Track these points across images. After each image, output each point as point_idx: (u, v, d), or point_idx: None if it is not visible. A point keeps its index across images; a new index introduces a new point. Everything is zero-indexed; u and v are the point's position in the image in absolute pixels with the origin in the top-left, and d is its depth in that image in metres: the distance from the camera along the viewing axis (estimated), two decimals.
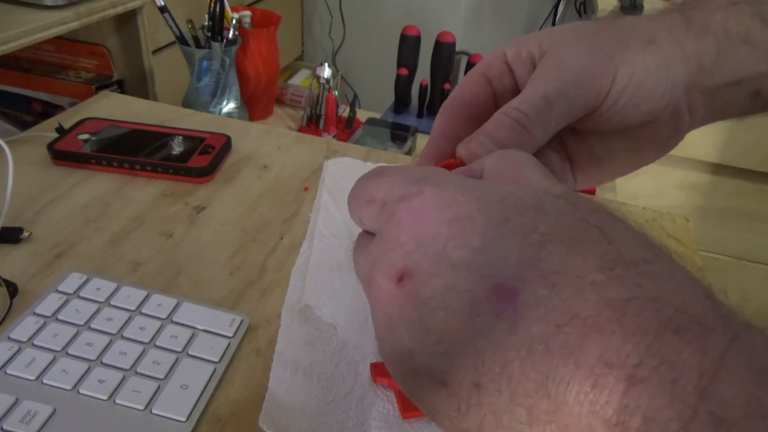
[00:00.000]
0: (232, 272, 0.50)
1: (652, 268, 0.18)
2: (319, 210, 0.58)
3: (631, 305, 0.17)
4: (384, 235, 0.22)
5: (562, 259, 0.18)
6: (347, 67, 1.89)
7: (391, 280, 0.21)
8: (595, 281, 0.18)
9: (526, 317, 0.18)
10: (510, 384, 0.18)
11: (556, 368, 0.17)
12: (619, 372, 0.16)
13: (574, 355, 0.17)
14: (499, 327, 0.18)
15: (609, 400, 0.16)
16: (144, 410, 0.37)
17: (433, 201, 0.21)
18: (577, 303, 0.18)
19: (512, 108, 0.30)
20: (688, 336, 0.16)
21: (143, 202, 0.57)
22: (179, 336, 0.42)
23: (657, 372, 0.16)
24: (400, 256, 0.20)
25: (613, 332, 0.17)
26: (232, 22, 1.00)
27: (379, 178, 0.24)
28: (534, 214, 0.19)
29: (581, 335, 0.17)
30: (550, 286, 0.18)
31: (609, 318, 0.17)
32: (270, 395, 0.39)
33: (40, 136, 0.64)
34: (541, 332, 0.18)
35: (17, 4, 0.88)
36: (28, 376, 0.38)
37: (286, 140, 0.70)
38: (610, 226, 0.20)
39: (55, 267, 0.48)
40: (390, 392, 0.40)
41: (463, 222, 0.20)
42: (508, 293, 0.18)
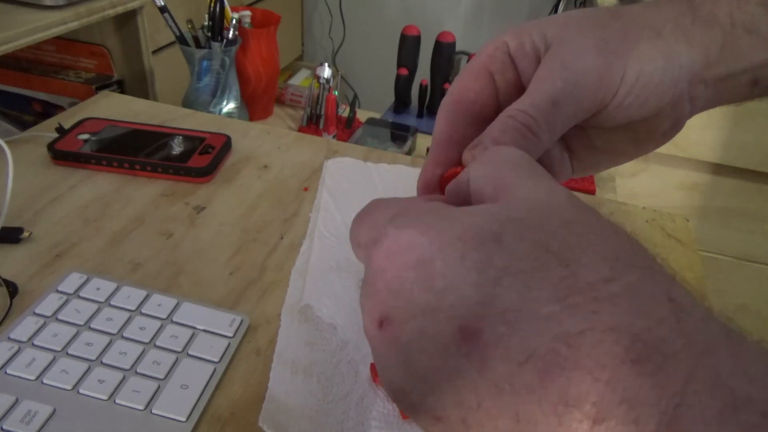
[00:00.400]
0: (232, 272, 0.50)
1: (611, 288, 0.18)
2: (319, 210, 0.58)
3: (586, 338, 0.17)
4: (366, 280, 0.22)
5: (517, 294, 0.18)
6: (347, 67, 1.89)
7: (374, 325, 0.22)
8: (550, 314, 0.18)
9: (490, 357, 0.18)
10: (489, 420, 0.19)
11: (524, 405, 0.18)
12: (581, 411, 0.16)
13: (537, 393, 0.17)
14: (469, 367, 0.19)
15: None
16: (144, 410, 0.37)
17: (397, 244, 0.21)
18: (533, 340, 0.18)
19: (518, 111, 0.30)
20: (648, 368, 0.16)
21: (143, 202, 0.57)
22: (179, 336, 0.42)
23: (618, 411, 0.16)
24: (378, 303, 0.21)
25: (570, 369, 0.17)
26: (232, 22, 1.00)
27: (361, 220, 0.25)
28: (491, 246, 0.20)
29: (540, 373, 0.17)
30: (507, 323, 0.18)
31: (565, 355, 0.17)
32: (270, 395, 0.39)
33: (40, 136, 0.64)
34: (505, 371, 0.18)
35: (17, 4, 0.88)
36: (28, 376, 0.38)
37: (286, 140, 0.70)
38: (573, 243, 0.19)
39: (55, 267, 0.48)
40: None
41: (425, 264, 0.20)
42: (472, 334, 0.19)
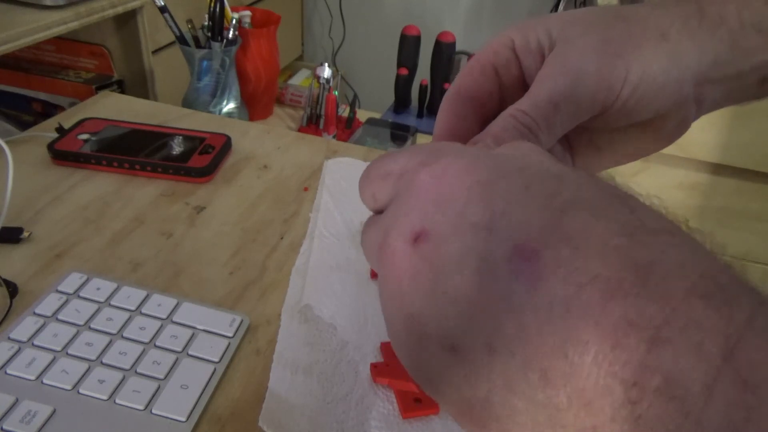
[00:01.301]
0: (232, 272, 0.50)
1: (674, 239, 0.18)
2: (319, 210, 0.58)
3: (656, 268, 0.17)
4: (401, 200, 0.22)
5: (584, 224, 0.18)
6: (347, 67, 1.89)
7: (406, 241, 0.20)
8: (619, 245, 0.17)
9: (546, 278, 0.17)
10: (525, 347, 0.17)
11: (576, 329, 0.17)
12: (642, 333, 0.16)
13: (596, 315, 0.16)
14: (518, 289, 0.18)
15: (629, 360, 0.16)
16: (144, 410, 0.37)
17: (453, 166, 0.21)
18: (600, 264, 0.17)
19: (519, 111, 0.30)
20: (715, 302, 0.16)
21: (143, 202, 0.57)
22: (179, 336, 0.42)
23: (682, 334, 0.16)
24: (418, 218, 0.20)
25: (638, 294, 0.16)
26: (232, 22, 1.01)
27: (393, 156, 0.24)
28: (556, 181, 0.19)
29: (604, 295, 0.17)
30: (572, 247, 0.18)
31: (633, 280, 0.17)
32: (270, 395, 0.39)
33: (40, 136, 0.64)
34: (562, 293, 0.17)
35: (17, 4, 0.88)
36: (28, 376, 0.38)
37: (286, 140, 0.70)
38: (632, 198, 0.20)
39: (55, 267, 0.48)
40: (390, 392, 0.40)
41: (485, 186, 0.19)
42: (529, 254, 0.18)
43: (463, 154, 0.21)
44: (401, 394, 0.39)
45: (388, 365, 0.41)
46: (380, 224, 0.23)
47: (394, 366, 0.41)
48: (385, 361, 0.42)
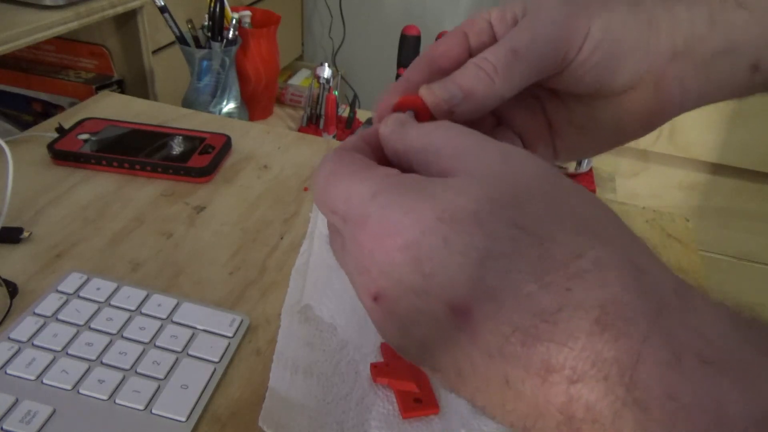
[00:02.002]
0: (232, 272, 0.50)
1: (580, 264, 0.20)
2: (318, 210, 0.58)
3: (562, 315, 0.20)
4: (352, 255, 0.24)
5: (500, 275, 0.21)
6: (347, 67, 1.89)
7: (368, 297, 0.24)
8: (530, 294, 0.20)
9: (480, 330, 0.21)
10: (482, 376, 0.21)
11: (512, 369, 0.20)
12: (560, 374, 0.19)
13: (522, 360, 0.20)
14: (462, 337, 0.21)
15: (557, 393, 0.20)
16: (144, 410, 0.37)
17: (383, 227, 0.22)
18: (516, 317, 0.20)
19: (481, 57, 0.30)
20: (613, 333, 0.19)
21: (143, 202, 0.57)
22: (179, 336, 0.42)
23: (590, 372, 0.19)
24: (370, 281, 0.23)
25: (550, 341, 0.20)
26: (232, 22, 1.00)
27: (335, 186, 0.25)
28: (471, 228, 0.21)
29: (524, 345, 0.20)
30: (494, 301, 0.20)
31: (544, 329, 0.20)
32: (270, 395, 0.39)
33: (40, 136, 0.64)
34: (494, 342, 0.21)
35: (17, 4, 0.88)
36: (28, 376, 0.38)
37: (286, 140, 0.70)
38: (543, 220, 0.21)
39: (55, 267, 0.48)
40: (390, 392, 0.40)
41: (411, 248, 0.22)
42: (462, 311, 0.21)
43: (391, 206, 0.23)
44: (401, 394, 0.39)
45: (388, 365, 0.41)
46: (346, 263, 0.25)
47: (394, 366, 0.41)
48: (385, 361, 0.42)
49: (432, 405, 0.39)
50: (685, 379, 0.18)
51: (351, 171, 0.25)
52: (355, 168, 0.25)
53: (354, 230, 0.24)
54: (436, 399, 0.39)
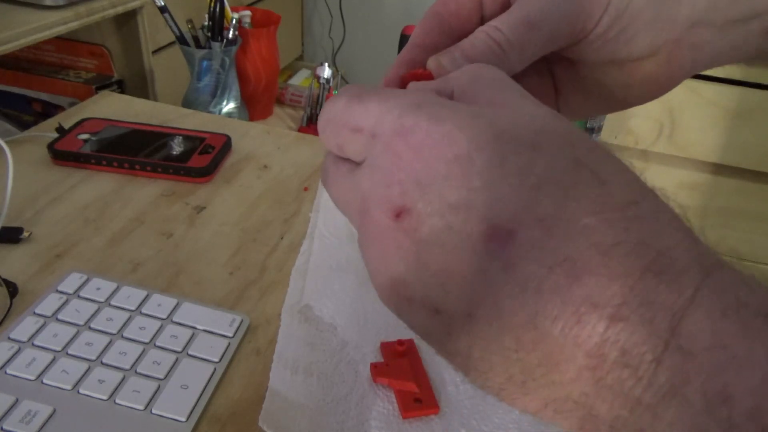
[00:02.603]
0: (232, 272, 0.50)
1: (639, 210, 0.19)
2: (319, 210, 0.58)
3: (618, 249, 0.19)
4: (378, 169, 0.22)
5: (556, 202, 0.19)
6: (347, 67, 1.89)
7: (388, 215, 0.21)
8: (587, 225, 0.19)
9: (520, 258, 0.19)
10: (501, 317, 0.19)
11: (545, 305, 0.19)
12: (602, 311, 0.18)
13: (563, 294, 0.19)
14: (494, 266, 0.19)
15: (591, 334, 0.18)
16: (144, 410, 0.37)
17: (431, 137, 0.20)
18: (568, 246, 0.19)
19: (492, 27, 0.29)
20: (667, 277, 0.18)
21: (143, 202, 0.57)
22: (179, 336, 0.42)
23: (637, 312, 0.18)
24: (398, 194, 0.21)
25: (600, 275, 0.18)
26: (232, 22, 1.01)
27: (363, 103, 0.23)
28: (530, 153, 0.20)
29: (570, 277, 0.19)
30: (544, 228, 0.19)
31: (597, 261, 0.18)
32: (270, 395, 0.39)
33: (40, 136, 0.64)
34: (534, 273, 0.19)
35: (17, 4, 0.88)
36: (28, 376, 0.38)
37: (286, 140, 0.70)
38: (603, 165, 0.20)
39: (55, 267, 0.48)
40: (390, 392, 0.40)
41: (462, 162, 0.20)
42: (504, 235, 0.19)
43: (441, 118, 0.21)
44: (401, 394, 0.39)
45: (388, 365, 0.41)
46: (356, 184, 0.23)
47: (394, 366, 0.41)
48: (385, 361, 0.42)
49: (432, 405, 0.39)
50: (738, 329, 0.18)
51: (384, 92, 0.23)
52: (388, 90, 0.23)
53: (390, 141, 0.21)
54: (436, 399, 0.39)
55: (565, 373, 0.19)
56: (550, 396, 0.20)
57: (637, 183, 0.21)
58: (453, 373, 0.41)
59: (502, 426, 0.38)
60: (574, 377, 0.19)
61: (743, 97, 1.22)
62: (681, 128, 1.26)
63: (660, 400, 0.18)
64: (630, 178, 0.21)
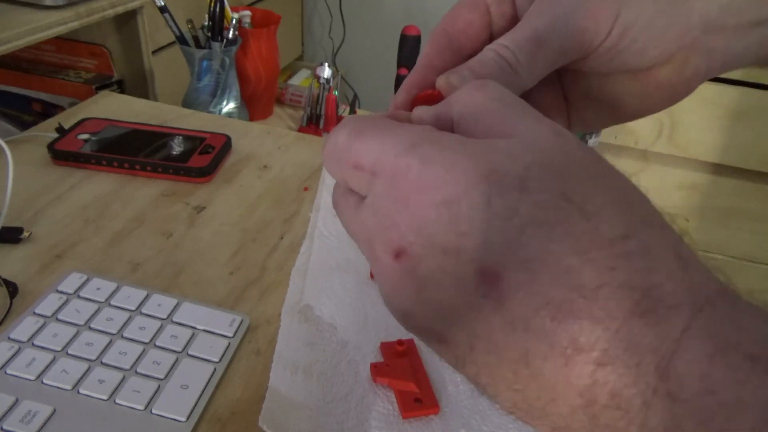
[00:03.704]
0: (232, 272, 0.50)
1: (628, 246, 0.19)
2: (319, 210, 0.58)
3: (602, 292, 0.19)
4: (379, 209, 0.22)
5: (540, 244, 0.19)
6: (347, 67, 1.89)
7: (389, 255, 0.22)
8: (570, 267, 0.19)
9: (508, 300, 0.20)
10: (497, 350, 0.20)
11: (535, 345, 0.19)
12: (588, 355, 0.18)
13: (549, 337, 0.19)
14: (485, 305, 0.20)
15: (580, 375, 0.19)
16: (144, 410, 0.37)
17: (422, 180, 0.21)
18: (552, 289, 0.19)
19: (500, 45, 0.28)
20: (653, 319, 0.18)
21: (143, 202, 0.57)
22: (179, 336, 0.42)
23: (622, 356, 0.18)
24: (396, 236, 0.22)
25: (583, 318, 0.19)
26: (232, 22, 1.00)
27: (363, 140, 0.23)
28: (516, 194, 0.20)
29: (555, 320, 0.19)
30: (528, 271, 0.19)
31: (580, 305, 0.19)
32: (270, 395, 0.39)
33: (40, 136, 0.64)
34: (521, 314, 0.19)
35: (17, 4, 0.88)
36: (28, 376, 0.38)
37: (286, 140, 0.70)
38: (592, 197, 0.20)
39: (55, 267, 0.48)
40: (390, 392, 0.40)
41: (450, 206, 0.20)
42: (492, 277, 0.20)
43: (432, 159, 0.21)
44: (401, 394, 0.39)
45: (388, 365, 0.41)
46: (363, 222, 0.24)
47: (394, 366, 0.41)
48: (385, 361, 0.42)
49: (432, 405, 0.39)
50: (727, 374, 0.18)
51: (383, 126, 0.23)
52: (387, 125, 0.23)
53: (387, 183, 0.22)
54: (436, 399, 0.39)
55: (562, 407, 0.19)
56: (554, 424, 0.20)
57: (630, 214, 0.20)
58: (453, 373, 0.41)
59: (502, 426, 0.38)
60: (570, 412, 0.19)
61: (743, 97, 1.22)
62: (681, 128, 1.26)
63: None
64: (624, 210, 0.20)
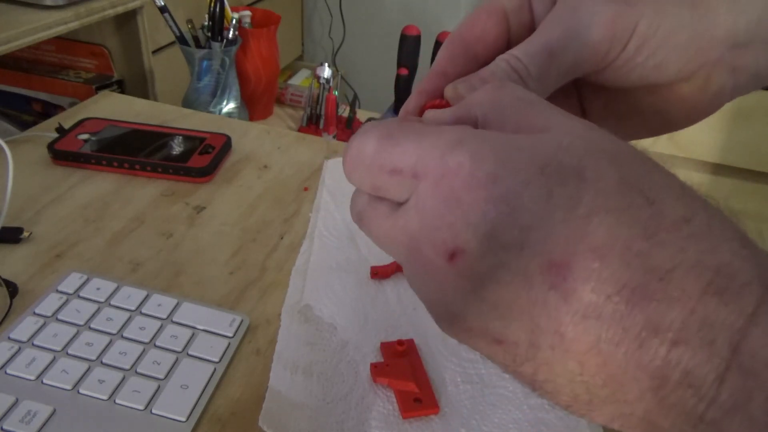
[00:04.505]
0: (232, 272, 0.50)
1: (692, 227, 0.19)
2: (319, 210, 0.58)
3: (676, 273, 0.19)
4: (427, 211, 0.22)
5: (609, 231, 0.19)
6: (347, 67, 1.89)
7: (441, 257, 0.21)
8: (641, 251, 0.19)
9: (578, 288, 0.19)
10: (563, 343, 0.20)
11: (607, 331, 0.19)
12: (664, 336, 0.18)
13: (623, 321, 0.19)
14: (553, 296, 0.19)
15: (653, 357, 0.18)
16: (144, 410, 0.37)
17: (476, 177, 0.20)
18: (625, 274, 0.19)
19: (512, 56, 0.28)
20: (726, 297, 0.18)
21: (143, 202, 0.57)
22: (179, 336, 0.42)
23: (698, 335, 0.18)
24: (450, 236, 0.21)
25: (659, 300, 0.18)
26: (232, 22, 1.01)
27: (399, 144, 0.22)
28: (576, 182, 0.20)
29: (630, 303, 0.19)
30: (599, 258, 0.19)
31: (654, 287, 0.18)
32: (270, 395, 0.39)
33: (40, 136, 0.64)
34: (593, 301, 0.19)
35: (17, 4, 0.88)
36: (28, 376, 0.38)
37: (286, 140, 0.70)
38: (650, 181, 0.20)
39: (55, 267, 0.48)
40: (390, 392, 0.40)
41: (510, 200, 0.20)
42: (560, 268, 0.19)
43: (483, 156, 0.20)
44: (401, 394, 0.39)
45: (388, 365, 0.41)
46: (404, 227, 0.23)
47: (394, 366, 0.41)
48: (385, 361, 0.42)
49: (432, 405, 0.39)
50: None
51: (414, 129, 0.22)
52: (416, 127, 0.23)
53: (435, 183, 0.21)
54: (435, 399, 0.39)
55: (629, 393, 0.19)
56: (615, 412, 0.20)
57: (687, 196, 0.20)
58: (453, 373, 0.41)
59: (502, 426, 0.38)
60: (638, 396, 0.19)
61: (743, 97, 1.21)
62: None
63: (723, 416, 0.18)
64: (679, 193, 0.20)
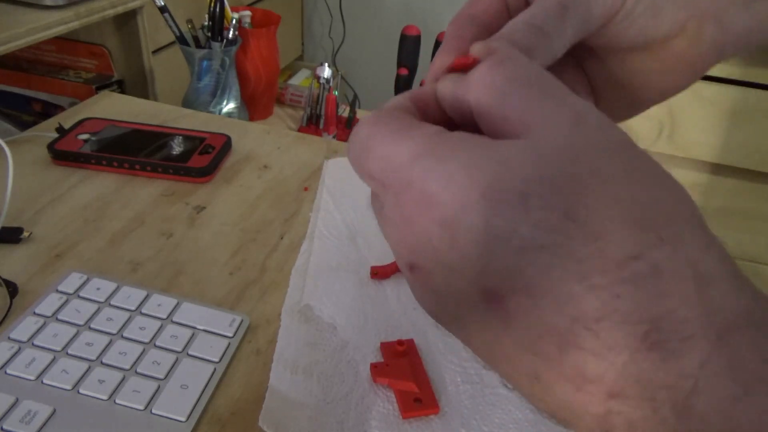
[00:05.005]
0: (232, 272, 0.50)
1: (637, 267, 0.18)
2: (319, 210, 0.58)
3: (605, 324, 0.18)
4: (391, 223, 0.23)
5: (541, 269, 0.18)
6: (347, 67, 1.89)
7: (405, 266, 0.23)
8: (572, 295, 0.18)
9: (513, 321, 0.19)
10: (511, 363, 0.20)
11: (544, 368, 0.19)
12: (598, 386, 0.18)
13: (556, 364, 0.18)
14: (494, 321, 0.20)
15: (593, 402, 0.18)
16: (144, 410, 0.37)
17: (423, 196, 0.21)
18: (554, 318, 0.18)
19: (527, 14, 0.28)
20: (663, 354, 0.17)
21: (143, 202, 0.57)
22: (179, 336, 0.42)
23: (634, 391, 0.17)
24: (406, 251, 0.22)
25: (589, 350, 0.18)
26: (232, 22, 1.01)
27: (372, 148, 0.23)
28: (515, 212, 0.19)
29: (559, 349, 0.18)
30: (531, 297, 0.19)
31: (583, 337, 0.18)
32: (270, 395, 0.39)
33: (40, 136, 0.64)
34: (527, 337, 0.19)
35: (17, 4, 0.88)
36: (28, 376, 0.38)
37: (286, 140, 0.70)
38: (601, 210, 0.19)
39: (55, 267, 0.48)
40: (390, 392, 0.40)
41: (449, 225, 0.20)
42: (495, 298, 0.19)
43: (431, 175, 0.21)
44: (401, 394, 0.39)
45: (388, 365, 0.41)
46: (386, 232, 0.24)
47: (394, 366, 0.41)
48: (385, 361, 0.42)
49: (432, 405, 0.39)
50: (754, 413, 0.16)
51: (390, 131, 0.23)
52: (396, 127, 0.23)
53: (394, 197, 0.22)
54: (436, 399, 0.39)
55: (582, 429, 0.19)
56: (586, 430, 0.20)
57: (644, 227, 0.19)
58: (453, 373, 0.41)
59: (502, 426, 0.38)
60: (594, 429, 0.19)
61: (743, 97, 1.22)
62: (681, 128, 1.26)
63: None
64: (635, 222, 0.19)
